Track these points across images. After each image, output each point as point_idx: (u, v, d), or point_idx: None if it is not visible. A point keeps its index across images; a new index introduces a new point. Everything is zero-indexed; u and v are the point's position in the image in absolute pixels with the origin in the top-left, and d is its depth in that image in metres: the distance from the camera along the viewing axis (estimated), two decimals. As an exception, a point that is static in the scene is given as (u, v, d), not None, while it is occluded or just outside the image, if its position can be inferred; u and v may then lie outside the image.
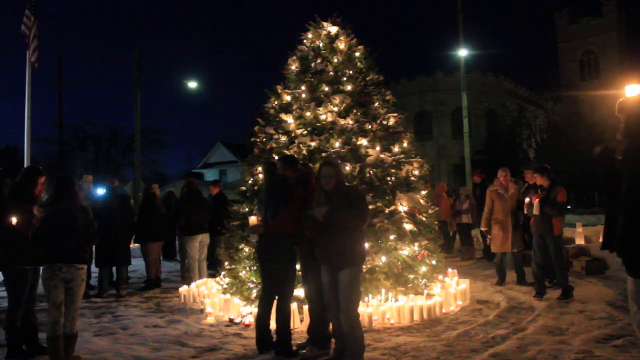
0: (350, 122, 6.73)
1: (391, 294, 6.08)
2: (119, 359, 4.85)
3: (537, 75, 38.23)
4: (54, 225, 4.43)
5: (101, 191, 8.80)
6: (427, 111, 42.49)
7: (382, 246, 6.18)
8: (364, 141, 6.71)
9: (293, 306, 5.31)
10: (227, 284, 6.83)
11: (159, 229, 8.79)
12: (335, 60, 7.23)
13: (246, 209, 6.81)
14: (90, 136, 42.65)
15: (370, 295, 6.01)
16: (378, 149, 6.74)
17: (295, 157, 5.51)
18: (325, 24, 7.45)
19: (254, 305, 5.97)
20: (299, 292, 5.50)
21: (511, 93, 40.02)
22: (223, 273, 7.10)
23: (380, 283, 6.08)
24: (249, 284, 6.46)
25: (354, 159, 6.57)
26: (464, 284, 7.21)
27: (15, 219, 4.60)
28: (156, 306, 7.22)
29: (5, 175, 7.15)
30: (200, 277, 8.38)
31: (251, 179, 7.10)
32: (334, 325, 4.62)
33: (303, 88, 7.11)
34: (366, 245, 6.08)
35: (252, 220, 4.96)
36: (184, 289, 7.41)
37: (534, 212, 7.03)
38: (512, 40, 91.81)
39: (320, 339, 4.90)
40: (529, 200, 7.36)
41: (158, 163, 55.24)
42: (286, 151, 6.63)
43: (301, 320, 5.68)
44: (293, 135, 6.86)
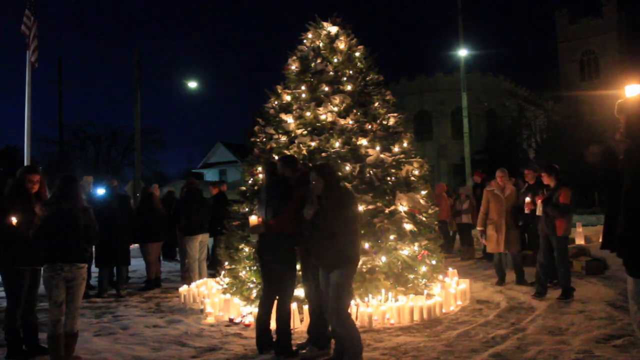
0: (350, 122, 6.73)
1: (391, 294, 6.08)
2: (119, 359, 4.85)
3: (537, 75, 38.43)
4: (56, 224, 4.43)
5: (101, 191, 8.80)
6: (427, 111, 42.50)
7: (382, 246, 6.18)
8: (364, 141, 6.71)
9: (293, 306, 5.31)
10: (227, 284, 6.83)
11: (159, 229, 8.79)
12: (335, 60, 7.23)
13: (246, 209, 6.81)
14: (90, 136, 42.75)
15: (370, 295, 6.02)
16: (378, 149, 6.74)
17: (295, 157, 5.51)
18: (325, 24, 7.45)
19: (254, 305, 5.97)
20: (299, 292, 5.50)
21: (511, 93, 40.04)
22: (223, 273, 7.10)
23: (380, 283, 6.08)
24: (249, 284, 6.46)
25: (354, 159, 6.57)
26: (464, 284, 7.21)
27: (15, 219, 4.61)
28: (156, 306, 7.22)
29: (7, 176, 7.16)
30: (200, 277, 8.39)
31: (251, 179, 7.10)
32: (332, 325, 4.63)
33: (303, 88, 7.11)
34: (366, 245, 6.10)
35: (253, 220, 4.96)
36: (184, 289, 7.42)
37: (537, 213, 7.03)
38: (512, 40, 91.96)
39: (320, 339, 4.90)
40: (529, 200, 7.35)
41: (158, 163, 55.43)
42: (286, 151, 6.63)
43: (301, 320, 5.68)
44: (293, 135, 6.86)
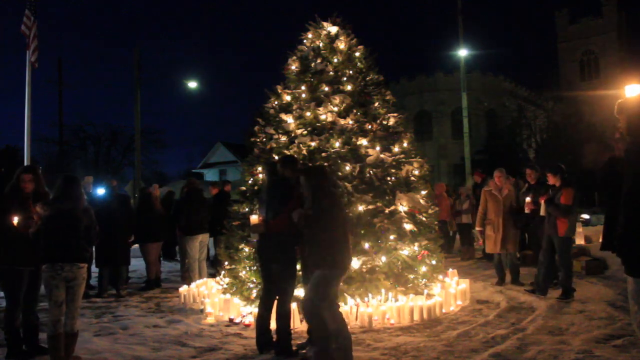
0: (350, 122, 6.73)
1: (391, 294, 6.08)
2: (119, 359, 4.85)
3: (537, 75, 38.28)
4: (57, 224, 4.43)
5: (101, 191, 8.80)
6: (427, 111, 42.52)
7: (382, 246, 6.19)
8: (364, 141, 6.71)
9: (293, 306, 5.31)
10: (227, 284, 6.83)
11: (158, 229, 8.79)
12: (335, 60, 7.23)
13: (246, 209, 6.81)
14: (90, 136, 42.75)
15: (370, 295, 6.02)
16: (378, 149, 6.74)
17: (294, 157, 5.51)
18: (325, 24, 7.44)
19: (254, 305, 5.96)
20: (299, 292, 5.50)
21: (511, 93, 40.08)
22: (223, 273, 7.10)
23: (380, 283, 6.08)
24: (249, 284, 6.46)
25: (354, 159, 6.58)
26: (464, 284, 7.21)
27: (16, 219, 4.61)
28: (156, 306, 7.22)
29: (7, 176, 7.16)
30: (200, 277, 8.39)
31: (251, 179, 7.10)
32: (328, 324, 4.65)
33: (303, 88, 7.10)
34: (366, 245, 6.11)
35: (253, 219, 4.97)
36: (184, 289, 7.42)
37: (540, 213, 7.03)
38: (512, 40, 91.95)
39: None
40: (529, 200, 7.34)
41: (158, 163, 55.46)
42: (286, 151, 6.63)
43: (301, 320, 5.67)
44: (293, 135, 6.86)
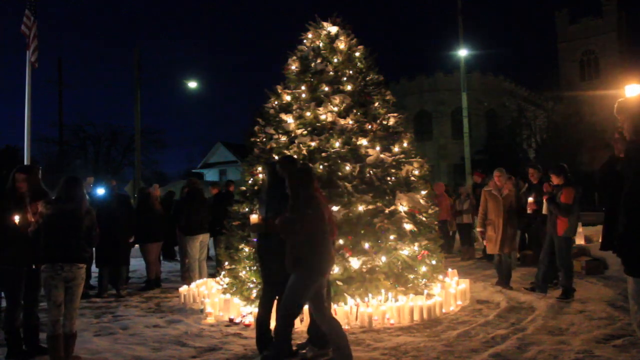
0: (350, 122, 6.73)
1: (391, 294, 6.08)
2: (119, 359, 4.85)
3: (537, 75, 38.32)
4: (59, 224, 4.44)
5: (101, 191, 8.80)
6: (427, 111, 42.53)
7: (382, 246, 6.19)
8: (364, 141, 6.71)
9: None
10: (227, 284, 6.83)
11: (158, 229, 8.79)
12: (335, 60, 7.23)
13: (246, 209, 6.81)
14: (90, 136, 42.74)
15: (370, 295, 6.02)
16: (378, 149, 6.74)
17: (293, 158, 5.51)
18: (325, 24, 7.45)
19: (254, 305, 5.96)
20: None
21: (511, 93, 40.08)
22: (223, 273, 7.10)
23: (380, 283, 6.08)
24: (249, 284, 6.46)
25: (354, 159, 6.57)
26: (464, 284, 7.21)
27: (17, 218, 4.61)
28: (156, 306, 7.22)
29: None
30: (200, 277, 8.39)
31: (251, 179, 7.10)
32: (320, 326, 4.68)
33: (303, 88, 7.11)
34: (366, 245, 6.11)
35: (254, 218, 4.97)
36: (184, 289, 7.41)
37: (543, 212, 7.02)
38: (512, 40, 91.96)
39: (320, 339, 4.90)
40: (531, 200, 7.33)
41: (158, 163, 55.46)
42: (286, 151, 6.63)
43: (301, 320, 5.67)
44: (293, 135, 6.86)
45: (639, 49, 41.18)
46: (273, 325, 4.96)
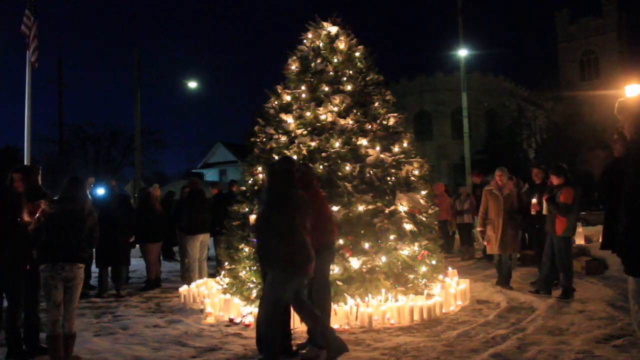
0: (350, 122, 6.73)
1: (391, 294, 6.08)
2: (119, 359, 4.85)
3: (537, 75, 38.32)
4: (61, 223, 4.44)
5: (101, 191, 8.80)
6: (427, 111, 42.55)
7: (382, 246, 6.18)
8: (364, 141, 6.71)
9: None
10: (227, 284, 6.83)
11: (158, 229, 8.79)
12: (335, 60, 7.23)
13: (246, 209, 6.81)
14: (90, 136, 42.76)
15: (370, 295, 6.02)
16: (378, 149, 6.74)
17: (291, 158, 5.50)
18: (325, 24, 7.45)
19: (254, 305, 5.96)
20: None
21: (511, 93, 40.08)
22: (223, 273, 7.10)
23: (380, 283, 6.08)
24: (249, 284, 6.46)
25: (354, 159, 6.57)
26: (464, 284, 7.21)
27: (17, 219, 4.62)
28: (156, 306, 7.22)
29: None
30: (200, 277, 8.39)
31: (251, 179, 7.10)
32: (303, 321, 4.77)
33: (303, 88, 7.11)
34: (366, 245, 6.11)
35: (254, 218, 4.98)
36: (184, 289, 7.41)
37: (543, 212, 7.01)
38: (512, 40, 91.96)
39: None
40: (535, 201, 7.32)
41: (158, 163, 55.43)
42: (286, 151, 6.63)
43: (301, 321, 5.67)
44: (293, 135, 6.86)
45: (639, 49, 41.12)
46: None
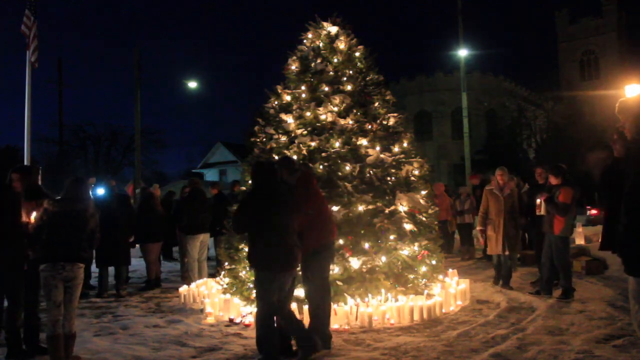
0: (350, 122, 6.73)
1: (391, 294, 6.08)
2: (119, 359, 4.85)
3: (537, 75, 38.32)
4: (63, 223, 4.44)
5: (101, 191, 8.80)
6: (427, 111, 42.58)
7: (382, 246, 6.18)
8: (364, 141, 6.71)
9: (293, 306, 5.30)
10: (227, 284, 6.82)
11: (159, 229, 8.80)
12: (335, 60, 7.23)
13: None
14: (90, 136, 42.79)
15: (370, 295, 6.01)
16: (378, 149, 6.74)
17: (291, 158, 5.51)
18: (325, 24, 7.44)
19: (254, 305, 5.94)
20: (299, 292, 5.49)
21: (511, 93, 40.14)
22: (223, 273, 7.10)
23: (380, 283, 6.07)
24: (249, 284, 6.45)
25: (354, 159, 6.57)
26: (464, 284, 7.20)
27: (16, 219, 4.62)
28: (156, 306, 7.22)
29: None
30: (200, 277, 8.39)
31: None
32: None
33: (303, 88, 7.10)
34: (366, 245, 6.11)
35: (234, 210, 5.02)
36: (184, 289, 7.41)
37: (541, 212, 7.02)
38: (512, 40, 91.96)
39: (320, 339, 4.89)
40: (539, 201, 7.32)
41: (158, 163, 55.46)
42: (286, 151, 6.63)
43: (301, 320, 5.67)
44: (293, 135, 6.86)
45: (639, 49, 41.05)
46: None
